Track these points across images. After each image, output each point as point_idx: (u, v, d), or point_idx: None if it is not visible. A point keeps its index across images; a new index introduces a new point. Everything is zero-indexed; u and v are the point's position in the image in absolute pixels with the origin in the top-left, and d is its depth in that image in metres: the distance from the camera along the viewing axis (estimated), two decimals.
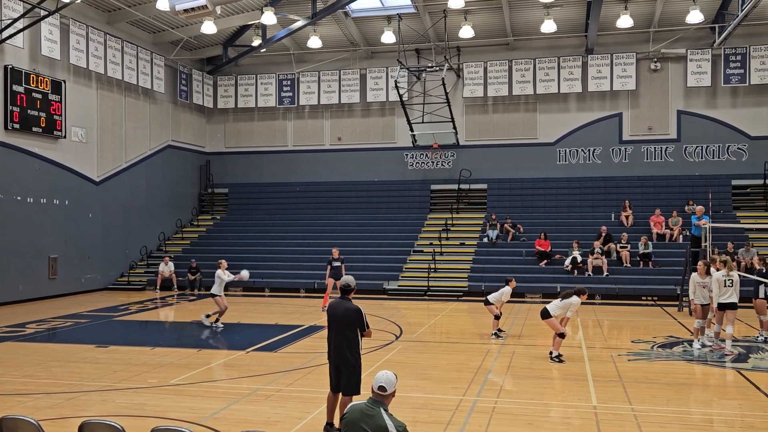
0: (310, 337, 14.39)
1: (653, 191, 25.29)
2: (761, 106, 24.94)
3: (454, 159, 27.61)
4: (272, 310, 19.28)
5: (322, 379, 8.38)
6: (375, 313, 17.64)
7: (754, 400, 9.27)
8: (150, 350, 12.85)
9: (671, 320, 16.82)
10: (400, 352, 12.73)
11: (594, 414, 8.48)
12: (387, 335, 14.46)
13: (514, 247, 24.13)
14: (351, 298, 7.67)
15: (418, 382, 10.14)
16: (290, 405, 8.92)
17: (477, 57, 26.90)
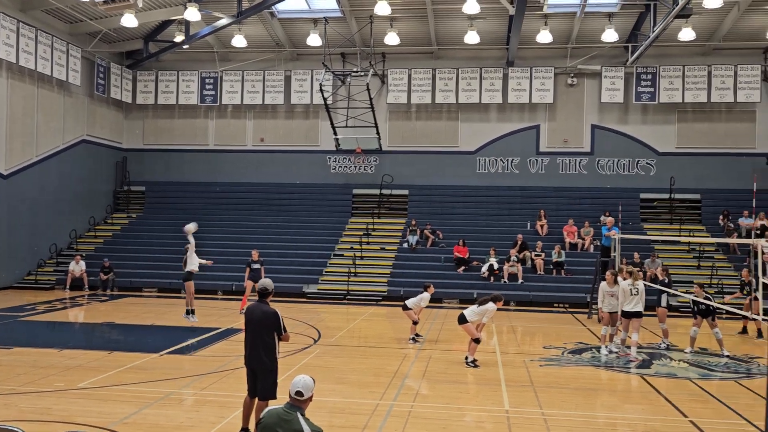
0: (227, 340, 14.16)
1: (567, 202, 26.18)
2: (668, 123, 26.25)
3: (377, 164, 27.79)
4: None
5: (239, 383, 8.29)
6: (294, 316, 17.53)
7: (656, 404, 9.74)
8: (57, 352, 12.34)
9: (581, 327, 17.45)
10: (318, 356, 12.71)
11: (506, 418, 8.71)
12: (305, 339, 14.40)
13: (433, 253, 24.48)
14: (269, 302, 7.61)
15: (336, 387, 10.15)
16: (205, 409, 8.76)
17: (402, 64, 27.20)
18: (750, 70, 25.17)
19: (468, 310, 12.23)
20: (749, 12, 23.13)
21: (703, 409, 9.48)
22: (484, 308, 12.08)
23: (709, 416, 9.07)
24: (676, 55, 25.66)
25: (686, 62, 25.55)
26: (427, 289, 14.61)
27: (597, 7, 23.55)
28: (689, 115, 26.16)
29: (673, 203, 25.85)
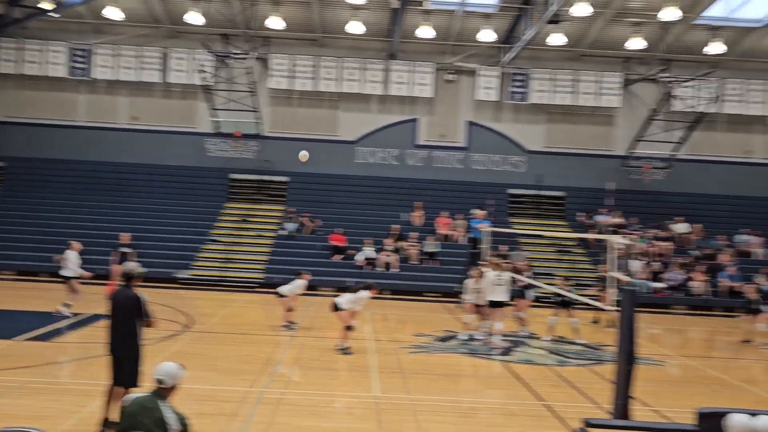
0: (91, 326, 13.58)
1: (442, 195, 26.99)
2: (537, 123, 27.66)
3: (257, 149, 27.42)
4: (51, 296, 17.84)
5: (101, 371, 8.00)
6: (164, 302, 17.04)
7: (515, 389, 10.34)
8: None
9: (450, 316, 18.13)
10: (188, 343, 12.47)
11: (375, 404, 8.96)
12: (175, 326, 14.07)
13: (310, 240, 24.53)
14: (134, 286, 7.38)
15: (206, 374, 10.02)
16: (64, 398, 8.41)
17: (285, 49, 26.94)
18: (612, 77, 26.96)
19: (342, 298, 12.42)
20: (613, 23, 24.76)
21: (557, 393, 10.16)
22: (357, 296, 12.32)
23: (563, 400, 9.73)
24: (547, 59, 27.04)
25: (555, 66, 27.00)
26: (301, 276, 14.66)
27: (476, 7, 24.37)
28: (557, 117, 27.68)
29: (539, 199, 27.29)
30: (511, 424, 8.55)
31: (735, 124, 27.74)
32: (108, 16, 25.03)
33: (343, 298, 12.37)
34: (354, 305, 12.33)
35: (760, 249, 24.98)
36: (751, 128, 27.84)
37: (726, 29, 24.91)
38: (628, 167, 27.09)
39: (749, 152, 27.77)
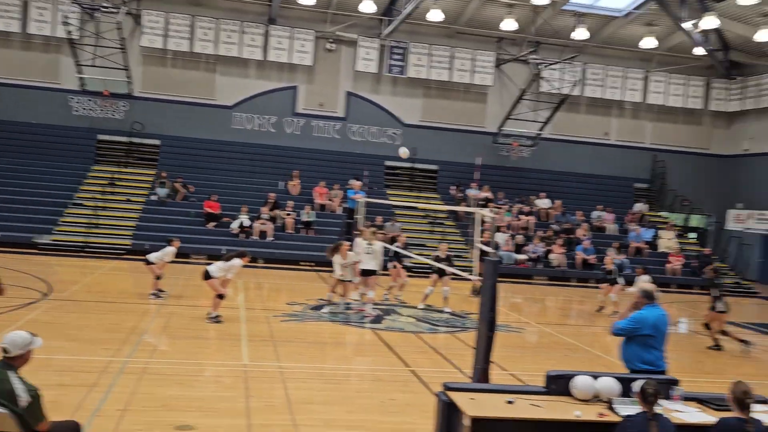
0: None
1: (319, 164, 26.96)
2: (415, 97, 28.15)
3: (127, 110, 26.14)
4: None
5: None
6: (21, 268, 16.11)
7: (384, 356, 10.70)
8: None
9: (324, 285, 18.27)
10: (46, 311, 11.91)
11: (244, 372, 8.99)
12: (32, 293, 13.36)
13: (183, 207, 23.84)
14: None
15: (65, 344, 9.64)
16: None
17: (158, 6, 25.71)
18: (485, 56, 27.86)
19: (213, 265, 12.28)
20: (487, 3, 25.54)
21: (423, 359, 10.61)
22: (229, 264, 12.22)
23: (428, 366, 10.19)
24: (425, 34, 27.48)
25: (433, 42, 27.51)
26: (171, 243, 14.32)
27: None
28: (433, 92, 28.29)
29: (414, 172, 27.92)
30: (378, 389, 8.86)
31: (595, 107, 29.56)
32: None
33: (214, 266, 12.24)
34: (226, 273, 12.23)
35: (612, 225, 26.96)
36: (609, 111, 29.76)
37: (590, 16, 26.35)
38: (497, 144, 28.23)
39: (606, 134, 29.71)
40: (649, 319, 6.64)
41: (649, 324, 6.63)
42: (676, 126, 30.35)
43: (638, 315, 6.68)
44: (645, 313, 6.70)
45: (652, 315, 6.68)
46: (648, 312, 6.71)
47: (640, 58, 29.11)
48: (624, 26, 26.92)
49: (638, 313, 6.70)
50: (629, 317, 6.73)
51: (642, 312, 6.72)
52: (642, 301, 6.81)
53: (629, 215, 27.68)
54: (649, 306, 6.76)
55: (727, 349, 13.53)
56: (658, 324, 6.65)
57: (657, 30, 26.89)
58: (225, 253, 13.04)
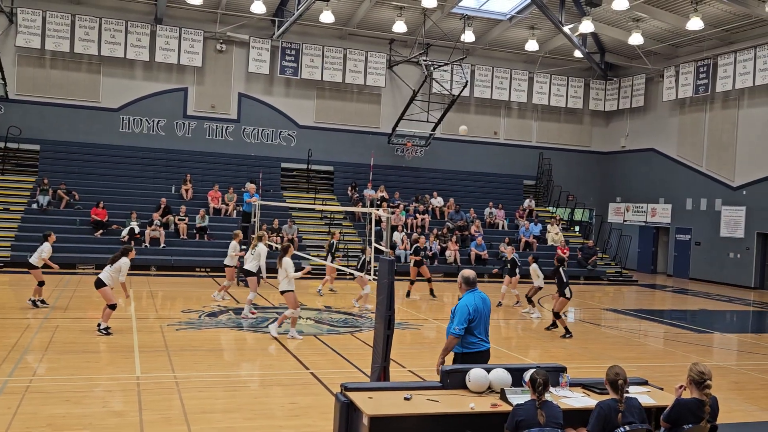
0: None
1: (213, 167, 26.40)
2: (308, 99, 28.08)
3: (2, 113, 24.59)
4: None
5: None
6: None
7: (283, 360, 10.63)
8: None
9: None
10: None
11: (137, 384, 8.69)
12: None
13: (67, 215, 22.71)
14: None
15: None
16: None
17: (35, 4, 24.36)
18: (378, 57, 28.17)
19: (103, 272, 11.84)
20: (378, 5, 25.83)
21: (323, 360, 10.62)
22: (117, 265, 11.86)
23: (328, 367, 10.20)
24: (318, 35, 27.48)
25: (326, 43, 27.54)
26: (47, 238, 13.77)
27: None
28: (326, 93, 28.32)
29: (310, 173, 27.85)
30: (279, 393, 8.80)
31: (484, 107, 30.52)
32: None
33: (104, 273, 11.83)
34: (118, 275, 11.84)
35: (503, 221, 27.94)
36: (497, 111, 30.81)
37: (477, 20, 27.18)
38: (392, 144, 28.61)
39: (495, 134, 30.75)
40: (470, 304, 6.92)
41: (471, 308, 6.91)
42: (560, 125, 31.83)
43: (462, 305, 6.94)
44: (465, 299, 7.00)
45: (471, 299, 6.96)
46: (468, 297, 6.99)
47: (524, 60, 30.32)
48: (509, 29, 27.95)
49: (462, 303, 6.97)
50: (457, 313, 6.91)
51: (463, 300, 7.01)
52: (463, 288, 7.10)
53: (519, 211, 28.78)
54: (468, 292, 7.05)
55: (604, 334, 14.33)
56: (477, 307, 6.93)
57: (539, 33, 28.10)
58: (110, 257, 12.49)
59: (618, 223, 30.89)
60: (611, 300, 21.62)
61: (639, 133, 30.79)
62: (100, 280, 11.71)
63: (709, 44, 26.26)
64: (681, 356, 12.49)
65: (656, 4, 24.28)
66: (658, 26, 26.00)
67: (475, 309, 6.87)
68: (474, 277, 7.10)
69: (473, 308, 6.86)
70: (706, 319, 18.45)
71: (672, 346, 13.68)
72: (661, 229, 29.59)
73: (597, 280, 25.66)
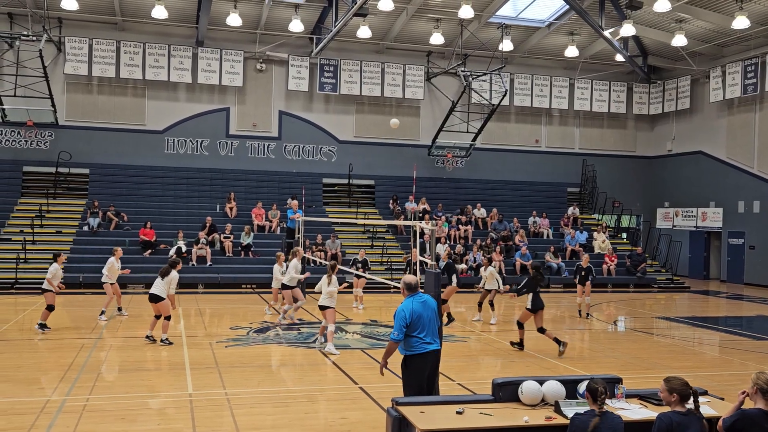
0: None
1: (256, 185, 26.76)
2: (348, 114, 28.27)
3: (53, 139, 25.37)
4: None
5: None
6: None
7: (331, 375, 10.63)
8: None
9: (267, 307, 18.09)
10: None
11: (189, 401, 8.79)
12: None
13: (117, 236, 23.22)
14: None
15: None
16: None
17: (82, 32, 25.12)
18: (416, 70, 28.23)
19: (155, 287, 12.41)
20: (416, 18, 25.91)
21: (371, 375, 10.56)
22: (169, 278, 12.43)
23: (376, 381, 10.13)
24: (355, 51, 27.68)
25: (364, 58, 27.72)
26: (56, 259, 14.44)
27: None
28: (365, 107, 28.47)
29: (351, 188, 27.97)
30: (328, 409, 8.80)
31: (524, 116, 30.28)
32: None
33: (157, 287, 12.38)
34: (169, 288, 12.41)
35: (547, 230, 27.58)
36: (538, 119, 30.54)
37: (515, 28, 27.04)
38: (432, 156, 28.58)
39: (537, 142, 30.47)
40: (407, 308, 7.05)
41: (408, 312, 7.03)
42: (603, 131, 31.38)
43: (399, 309, 7.09)
44: (404, 304, 7.14)
45: (409, 304, 7.10)
46: (407, 302, 7.14)
47: (564, 66, 30.02)
48: (547, 36, 27.72)
49: (399, 308, 7.11)
50: (396, 319, 7.05)
51: (402, 305, 7.14)
52: (404, 293, 7.26)
53: (563, 219, 28.40)
54: (409, 296, 7.20)
55: (657, 343, 13.97)
56: (415, 310, 7.05)
57: (579, 39, 27.80)
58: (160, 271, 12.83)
59: (667, 228, 30.21)
60: (663, 308, 21.11)
61: (686, 136, 30.14)
62: (154, 295, 12.26)
63: (756, 42, 25.60)
64: (739, 364, 12.11)
65: (699, 4, 23.81)
66: (702, 26, 25.48)
67: (412, 312, 7.01)
68: (415, 283, 7.29)
69: (410, 312, 7.01)
70: (764, 325, 17.87)
71: (729, 354, 13.27)
72: (713, 233, 28.84)
73: (647, 288, 25.11)
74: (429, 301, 7.26)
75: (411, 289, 7.23)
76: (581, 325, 16.68)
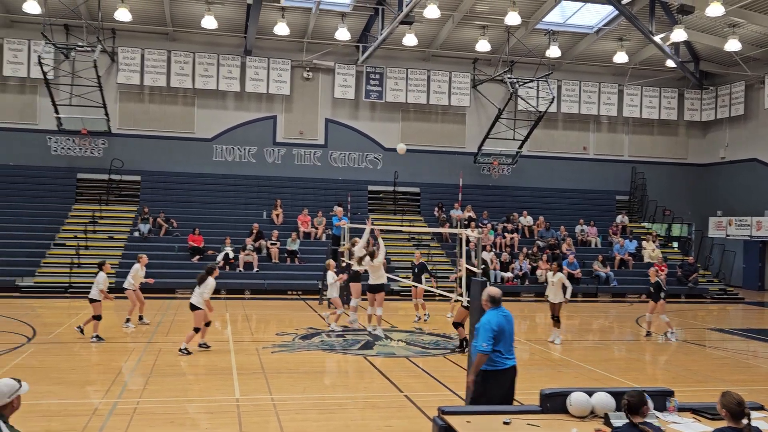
0: None
1: (302, 192, 27.00)
2: (393, 121, 28.33)
3: (106, 147, 26.06)
4: None
5: None
6: (4, 312, 15.87)
7: (376, 382, 10.61)
8: None
9: (312, 313, 18.22)
10: (32, 355, 11.71)
11: (236, 406, 8.88)
12: (17, 337, 13.15)
13: (166, 242, 23.70)
14: None
15: (52, 388, 9.47)
16: None
17: (134, 42, 25.78)
18: (462, 77, 28.13)
19: (194, 296, 12.39)
20: (461, 25, 25.83)
21: (417, 383, 10.53)
22: (205, 284, 12.35)
23: (422, 390, 10.12)
24: (401, 59, 27.74)
25: (409, 66, 27.75)
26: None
27: (331, 6, 24.55)
28: (411, 115, 28.48)
29: (396, 195, 27.99)
30: (374, 416, 8.77)
31: (572, 123, 29.89)
32: None
33: (194, 296, 12.37)
34: (206, 295, 12.33)
35: (595, 238, 27.12)
36: (586, 126, 30.11)
37: (562, 34, 26.74)
38: (478, 163, 28.42)
39: (584, 149, 30.03)
40: (493, 321, 6.90)
41: (495, 325, 6.89)
42: (653, 137, 30.76)
43: (485, 321, 6.91)
44: (488, 316, 6.96)
45: (495, 317, 6.95)
46: (491, 314, 6.98)
47: (613, 72, 29.55)
48: (596, 42, 27.33)
49: (485, 320, 6.93)
50: (481, 330, 6.89)
51: (486, 316, 6.97)
52: (487, 305, 7.09)
53: (612, 228, 27.89)
54: (492, 309, 7.04)
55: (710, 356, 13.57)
56: (501, 324, 6.92)
57: (628, 44, 27.34)
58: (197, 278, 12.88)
59: (720, 237, 29.38)
60: (715, 319, 20.52)
61: (740, 143, 29.32)
62: (193, 305, 12.31)
63: None
64: None
65: (754, 8, 23.16)
66: (756, 31, 24.79)
67: (498, 325, 6.88)
68: (500, 295, 7.13)
69: (497, 325, 6.87)
70: None
71: None
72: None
73: (699, 299, 24.46)
74: (509, 316, 7.16)
75: (495, 302, 7.08)
76: (629, 336, 16.32)
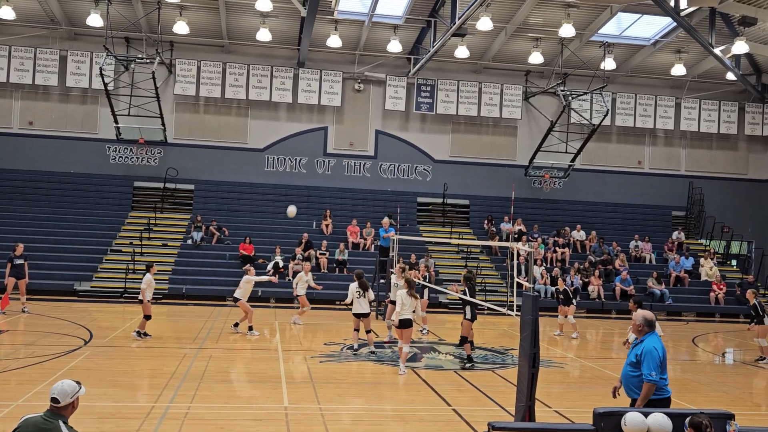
0: None
1: (351, 203, 27.13)
2: (444, 133, 28.26)
3: (161, 156, 26.69)
4: None
5: None
6: (62, 316, 16.33)
7: (423, 395, 10.53)
8: None
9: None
10: (88, 358, 12.01)
11: (285, 415, 8.92)
12: (74, 340, 13.51)
13: (218, 250, 24.09)
14: None
15: (107, 390, 9.69)
16: None
17: (191, 54, 26.40)
18: (514, 89, 27.92)
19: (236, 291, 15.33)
20: (514, 37, 25.66)
21: (464, 397, 10.42)
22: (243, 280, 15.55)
23: (469, 404, 10.00)
24: (452, 71, 27.70)
25: (460, 78, 27.68)
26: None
27: (383, 18, 24.69)
28: (461, 127, 28.37)
29: (445, 207, 27.88)
30: (421, 429, 8.70)
31: (626, 136, 29.32)
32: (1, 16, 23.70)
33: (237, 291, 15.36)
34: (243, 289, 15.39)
35: (650, 254, 26.48)
36: (641, 140, 29.50)
37: (618, 46, 26.30)
38: (529, 176, 28.11)
39: (639, 163, 29.41)
40: (659, 347, 6.52)
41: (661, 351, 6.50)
42: (712, 152, 29.95)
43: (651, 348, 6.48)
44: (653, 342, 6.55)
45: (658, 342, 6.58)
46: (654, 340, 6.58)
47: (670, 85, 28.92)
48: (652, 54, 26.79)
49: (650, 346, 6.49)
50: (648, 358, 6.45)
51: (650, 342, 6.56)
52: (644, 330, 6.66)
53: (667, 244, 27.20)
54: (650, 334, 6.63)
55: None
56: (664, 350, 6.58)
57: (686, 57, 26.72)
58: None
59: None
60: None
61: None
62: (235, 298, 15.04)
63: None
64: None
65: None
66: None
67: (663, 352, 6.50)
68: (654, 319, 6.73)
69: (663, 352, 6.49)
70: None
71: None
72: None
73: None
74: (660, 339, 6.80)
75: (651, 326, 6.66)
76: (684, 356, 15.87)
